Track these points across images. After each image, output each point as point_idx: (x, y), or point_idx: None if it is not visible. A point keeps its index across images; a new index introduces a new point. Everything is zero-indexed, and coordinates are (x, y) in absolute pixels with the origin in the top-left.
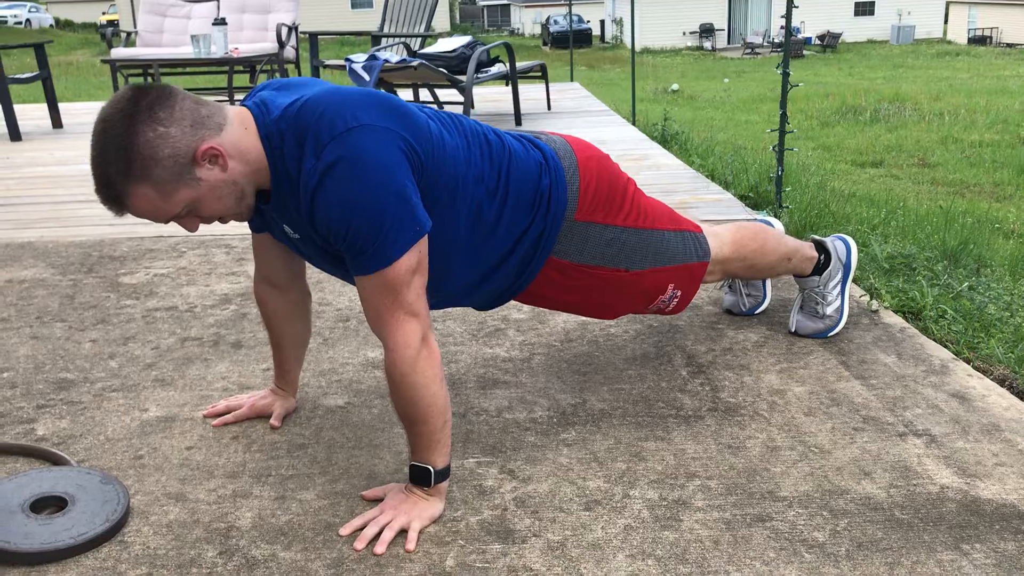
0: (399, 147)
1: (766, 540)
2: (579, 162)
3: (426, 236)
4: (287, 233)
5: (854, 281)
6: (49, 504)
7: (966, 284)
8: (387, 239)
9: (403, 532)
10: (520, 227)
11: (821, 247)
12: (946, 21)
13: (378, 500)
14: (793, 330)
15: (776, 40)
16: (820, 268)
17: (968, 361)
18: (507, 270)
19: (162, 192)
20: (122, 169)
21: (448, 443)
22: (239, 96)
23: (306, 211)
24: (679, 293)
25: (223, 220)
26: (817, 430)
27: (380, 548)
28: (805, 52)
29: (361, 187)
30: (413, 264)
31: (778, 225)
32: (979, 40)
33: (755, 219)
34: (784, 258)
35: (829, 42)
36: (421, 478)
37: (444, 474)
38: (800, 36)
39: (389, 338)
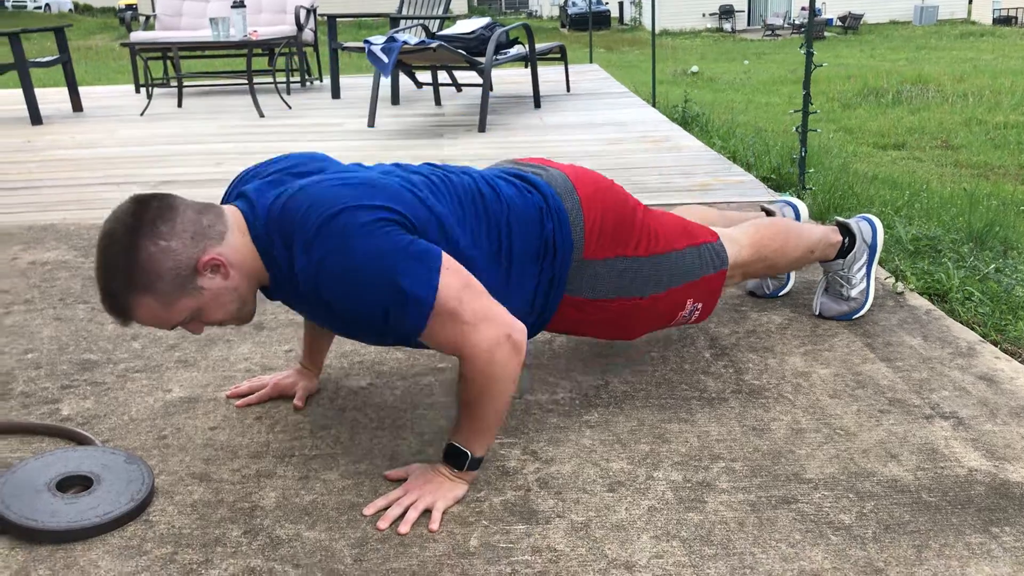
0: (384, 216)
1: (791, 522)
2: (582, 200)
3: (443, 253)
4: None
5: (879, 263)
6: (75, 483)
7: (993, 266)
8: (411, 289)
9: (426, 512)
10: (530, 279)
11: (845, 229)
12: (970, 1)
13: (401, 480)
14: (817, 313)
15: (797, 21)
16: (844, 251)
17: (995, 343)
18: (520, 317)
19: (165, 303)
20: (125, 283)
21: (492, 437)
22: (258, 80)
23: (316, 304)
24: (700, 306)
25: (223, 324)
26: (842, 412)
27: (404, 528)
28: (826, 34)
29: (359, 270)
30: (453, 283)
31: (802, 207)
32: (1004, 20)
33: (778, 201)
34: (807, 251)
35: (850, 23)
36: (455, 459)
37: (477, 463)
38: (821, 17)
39: (465, 349)
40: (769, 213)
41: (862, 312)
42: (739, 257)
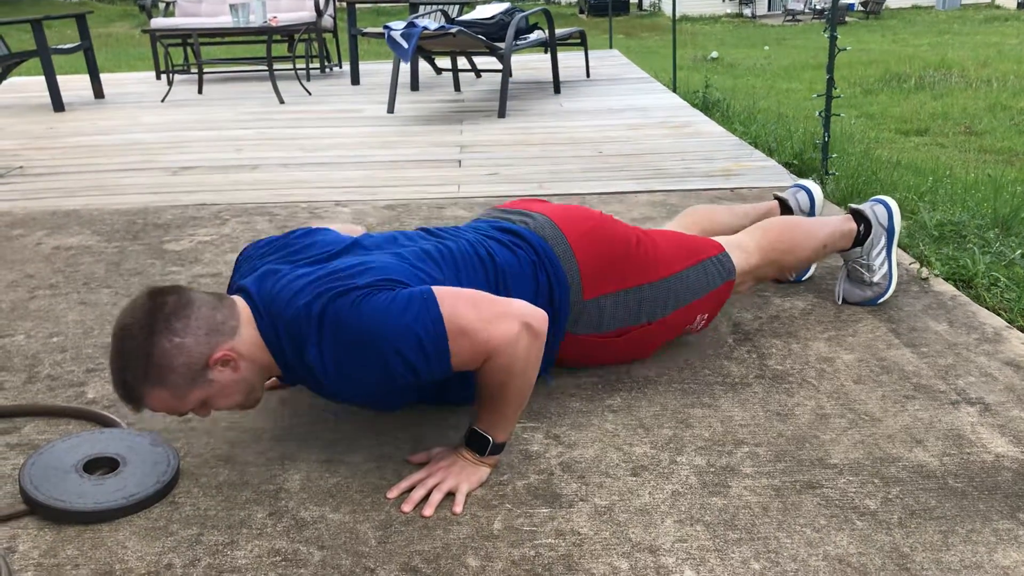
0: (373, 285)
1: (816, 507)
2: (571, 243)
3: (431, 287)
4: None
5: (903, 249)
6: (101, 465)
7: (1019, 252)
8: (423, 333)
9: (450, 495)
10: None
11: (860, 216)
12: None
13: (424, 464)
14: (840, 301)
15: (817, 7)
16: (860, 239)
17: (1023, 329)
18: None
19: (176, 394)
20: (139, 376)
21: (514, 424)
22: (278, 66)
23: (342, 384)
24: (706, 316)
25: (230, 409)
26: (867, 398)
27: (428, 510)
28: (848, 19)
29: (367, 341)
30: (454, 304)
31: (816, 191)
32: None
33: (791, 187)
34: (819, 247)
35: (873, 8)
36: (478, 444)
37: (500, 448)
38: (843, 2)
39: (487, 353)
40: (782, 202)
41: (886, 296)
42: (747, 264)
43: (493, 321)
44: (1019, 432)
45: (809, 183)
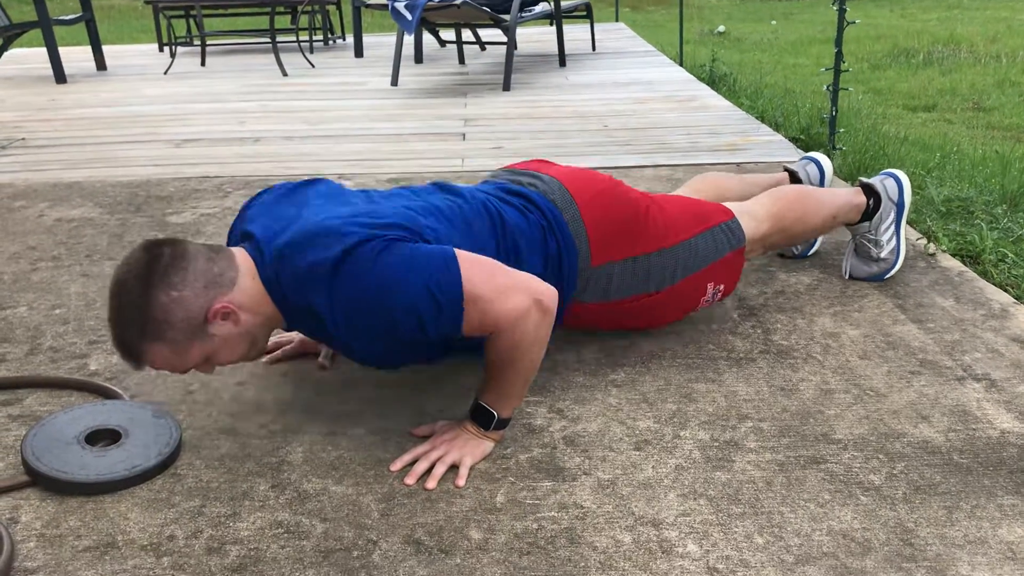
0: (390, 236)
1: (820, 482)
2: (580, 208)
3: (453, 248)
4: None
5: (910, 224)
6: (103, 437)
7: None
8: (439, 291)
9: (453, 468)
10: None
11: (870, 190)
12: None
13: (428, 437)
14: (847, 276)
15: None
16: (869, 213)
17: None
18: None
19: (177, 350)
20: (138, 331)
21: (520, 399)
22: (281, 38)
23: (349, 333)
24: (722, 287)
25: (234, 363)
26: (872, 373)
27: (431, 483)
28: None
29: (384, 295)
30: (472, 270)
31: (826, 163)
32: None
33: (801, 159)
34: (829, 218)
35: None
36: (483, 418)
37: (504, 423)
38: None
39: (495, 324)
40: (792, 173)
41: (893, 271)
42: (757, 231)
43: (506, 293)
44: None
45: (819, 156)
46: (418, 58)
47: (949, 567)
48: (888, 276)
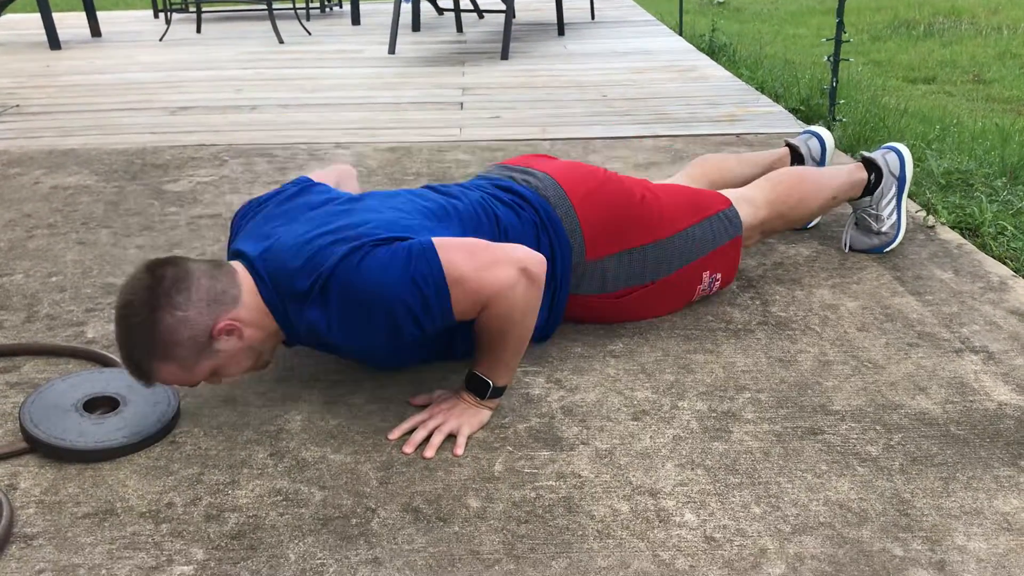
0: (375, 241)
1: (818, 453)
2: (574, 204)
3: (431, 238)
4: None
5: (910, 196)
6: (101, 404)
7: None
8: (424, 284)
9: (451, 437)
10: None
11: (871, 164)
12: None
13: (425, 406)
14: (847, 249)
15: None
16: (871, 188)
17: None
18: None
19: (184, 367)
20: (146, 352)
21: (515, 368)
22: (277, 5)
23: (351, 338)
24: (719, 276)
25: (242, 375)
26: (870, 345)
27: (429, 452)
28: None
29: (374, 300)
30: (452, 254)
31: (827, 137)
32: None
33: (802, 133)
34: (829, 199)
35: None
36: (478, 388)
37: (500, 391)
38: None
39: (485, 299)
40: (793, 149)
41: (893, 245)
42: (755, 218)
43: (490, 267)
44: (1022, 381)
45: (820, 129)
46: (415, 26)
47: (945, 537)
48: (888, 249)
